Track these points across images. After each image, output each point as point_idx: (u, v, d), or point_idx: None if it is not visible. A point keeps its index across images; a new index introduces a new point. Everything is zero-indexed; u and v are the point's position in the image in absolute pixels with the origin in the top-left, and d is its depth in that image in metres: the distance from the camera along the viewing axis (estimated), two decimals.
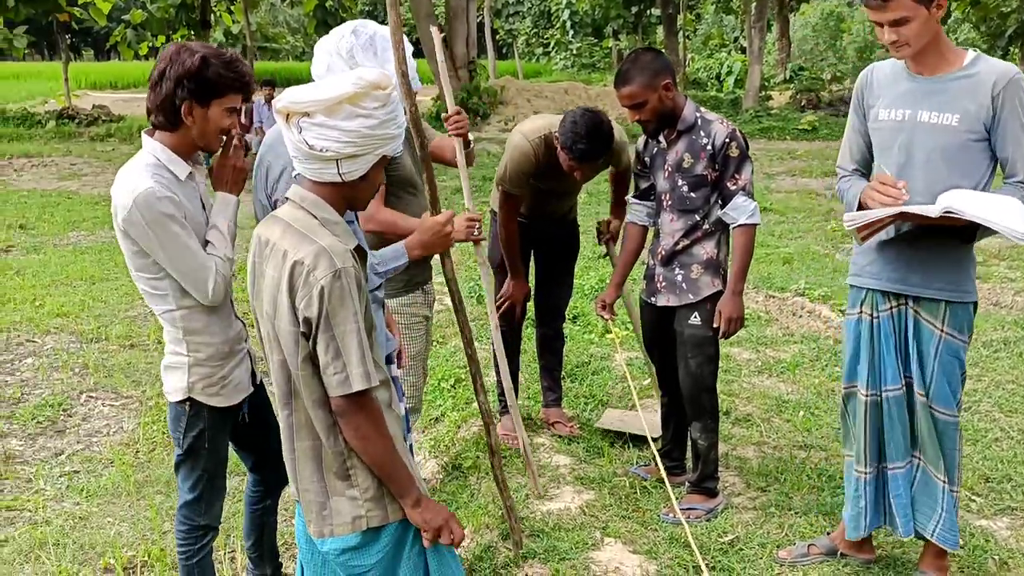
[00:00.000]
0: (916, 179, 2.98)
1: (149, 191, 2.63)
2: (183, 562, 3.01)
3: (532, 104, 22.15)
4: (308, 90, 2.11)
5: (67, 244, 9.62)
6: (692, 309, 3.76)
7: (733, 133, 3.63)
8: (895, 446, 3.21)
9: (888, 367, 3.16)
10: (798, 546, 3.54)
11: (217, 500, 3.03)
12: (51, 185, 13.71)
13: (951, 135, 2.93)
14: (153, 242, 2.66)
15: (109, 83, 39.69)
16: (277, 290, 2.13)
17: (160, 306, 2.80)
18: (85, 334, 6.52)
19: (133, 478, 4.35)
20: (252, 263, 2.28)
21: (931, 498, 3.19)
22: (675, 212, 3.76)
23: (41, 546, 3.76)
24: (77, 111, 22.00)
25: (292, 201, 2.23)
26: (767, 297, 7.12)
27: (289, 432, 2.27)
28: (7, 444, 4.80)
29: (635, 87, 3.59)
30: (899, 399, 3.16)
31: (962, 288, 3.05)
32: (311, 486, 2.26)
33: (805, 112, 20.64)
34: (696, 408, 3.85)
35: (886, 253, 3.14)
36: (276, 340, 2.18)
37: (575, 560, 3.50)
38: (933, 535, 3.19)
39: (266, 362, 2.29)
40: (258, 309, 2.25)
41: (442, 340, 6.33)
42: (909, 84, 3.03)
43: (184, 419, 2.86)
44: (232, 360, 2.90)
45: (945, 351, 3.07)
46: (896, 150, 3.04)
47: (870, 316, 3.20)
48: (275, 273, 2.14)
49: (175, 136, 2.73)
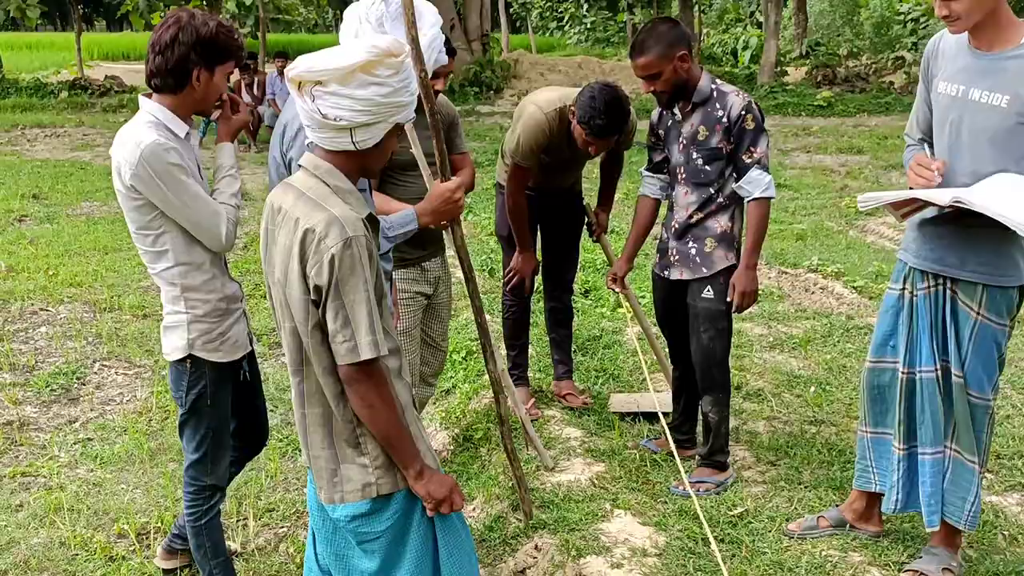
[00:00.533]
0: (963, 160, 2.91)
1: (155, 143, 2.70)
2: (191, 523, 3.06)
3: (545, 78, 22.03)
4: (321, 58, 2.10)
5: (80, 214, 9.65)
6: (705, 283, 3.75)
7: (749, 105, 3.59)
8: (926, 430, 3.16)
9: (923, 347, 3.11)
10: (807, 519, 3.54)
11: (222, 459, 3.07)
12: (64, 155, 13.74)
13: (1000, 117, 2.82)
14: (163, 193, 2.72)
15: (121, 54, 39.56)
16: (289, 257, 2.13)
17: (159, 264, 2.85)
18: (98, 304, 6.55)
19: (146, 446, 4.39)
20: (264, 229, 2.28)
21: (963, 488, 3.13)
22: (689, 185, 3.74)
23: (56, 511, 3.80)
24: (89, 82, 21.99)
25: (305, 169, 2.22)
26: (780, 273, 7.09)
27: (300, 399, 2.28)
28: (22, 411, 4.84)
29: (651, 57, 3.55)
30: (932, 382, 3.11)
31: (1002, 272, 2.95)
32: (322, 453, 2.27)
33: (821, 88, 20.45)
34: (708, 382, 3.84)
35: (926, 232, 3.07)
36: (287, 307, 2.19)
37: (584, 531, 3.52)
38: (966, 524, 3.14)
39: (278, 329, 2.30)
40: (270, 276, 2.26)
41: (453, 313, 6.33)
42: (968, 59, 2.92)
43: (186, 378, 2.91)
44: (230, 318, 2.96)
45: (981, 335, 3.00)
46: (948, 128, 2.97)
47: (910, 293, 3.15)
48: (287, 240, 2.14)
49: (176, 99, 2.80)
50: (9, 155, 13.47)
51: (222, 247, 2.87)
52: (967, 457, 3.12)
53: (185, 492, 3.07)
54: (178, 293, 2.88)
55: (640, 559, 3.35)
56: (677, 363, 4.13)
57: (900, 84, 20.17)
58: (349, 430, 2.24)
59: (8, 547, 3.57)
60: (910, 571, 3.20)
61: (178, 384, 2.95)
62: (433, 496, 2.26)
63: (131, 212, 2.80)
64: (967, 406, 3.07)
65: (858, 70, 22.23)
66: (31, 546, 3.58)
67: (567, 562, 3.34)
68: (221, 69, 2.81)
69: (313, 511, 2.44)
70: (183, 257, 2.84)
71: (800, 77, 22.41)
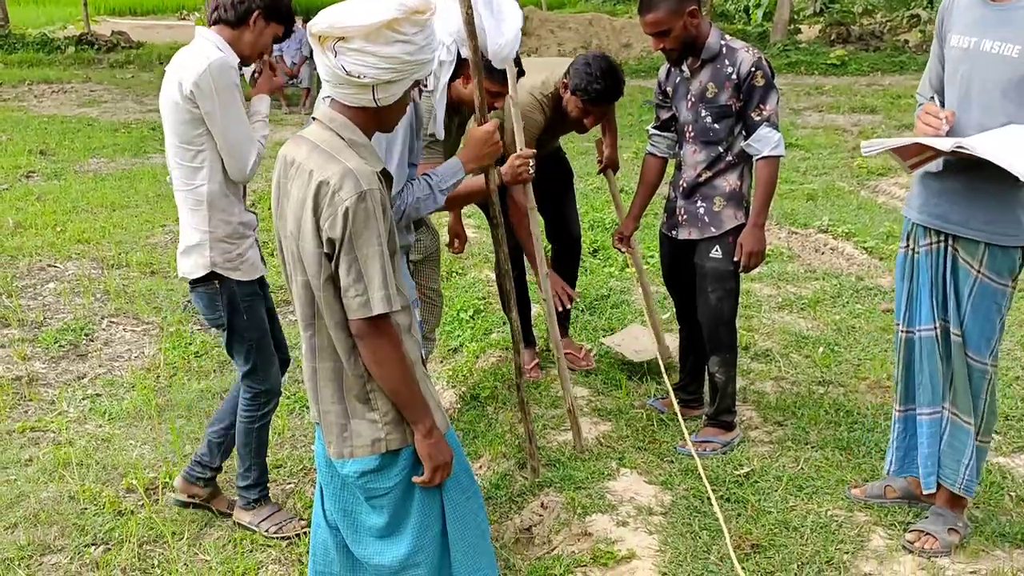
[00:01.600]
0: (971, 112, 2.87)
1: (224, 59, 2.99)
2: (245, 425, 3.34)
3: (556, 35, 21.77)
4: (346, 13, 2.05)
5: (87, 171, 9.62)
6: (713, 242, 3.71)
7: (759, 61, 3.52)
8: (924, 390, 3.16)
9: (923, 305, 3.10)
10: (871, 486, 3.47)
11: (271, 365, 3.32)
12: (71, 111, 13.68)
13: (1010, 67, 2.78)
14: (217, 108, 2.97)
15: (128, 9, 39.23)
16: (302, 210, 2.11)
17: (194, 180, 3.07)
18: (106, 260, 6.56)
19: (154, 402, 4.41)
20: (276, 183, 2.26)
21: (958, 450, 3.13)
22: (698, 144, 3.69)
23: (65, 466, 3.83)
24: (96, 37, 21.82)
25: (319, 121, 2.20)
26: (789, 233, 7.04)
27: (311, 354, 2.27)
28: (31, 367, 4.86)
29: (660, 14, 3.48)
30: (930, 340, 3.10)
31: (1005, 231, 2.92)
32: (332, 408, 2.27)
33: (835, 46, 20.16)
34: (715, 342, 3.82)
35: (930, 187, 3.04)
36: (299, 261, 2.17)
37: (591, 489, 3.53)
38: (961, 486, 3.14)
39: (288, 284, 2.29)
40: (281, 230, 2.24)
41: (461, 272, 6.32)
42: (980, 10, 2.88)
43: (218, 298, 3.16)
44: (246, 241, 3.18)
45: (980, 293, 2.98)
46: (959, 80, 2.92)
47: (912, 251, 3.13)
48: (300, 193, 2.12)
49: (232, 34, 3.07)
50: (16, 111, 13.41)
51: (244, 176, 3.10)
52: (964, 419, 3.11)
53: (242, 399, 3.33)
54: (204, 212, 3.09)
55: (646, 517, 3.36)
56: (683, 323, 4.11)
57: (915, 42, 19.88)
58: (359, 385, 2.23)
59: (18, 501, 3.60)
60: (915, 531, 3.21)
61: (212, 307, 3.18)
62: (433, 459, 2.25)
63: (180, 126, 3.03)
64: (965, 367, 3.06)
65: (872, 28, 21.89)
66: (41, 500, 3.61)
67: (573, 520, 3.36)
68: (273, 27, 3.12)
69: (321, 467, 2.44)
70: (217, 176, 3.07)
71: (814, 35, 22.11)
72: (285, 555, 3.32)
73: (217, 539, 3.41)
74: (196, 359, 4.93)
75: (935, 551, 3.13)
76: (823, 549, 3.17)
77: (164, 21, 33.11)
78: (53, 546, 3.35)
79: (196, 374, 4.76)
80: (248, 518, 3.46)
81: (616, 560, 3.13)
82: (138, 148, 10.79)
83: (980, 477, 3.22)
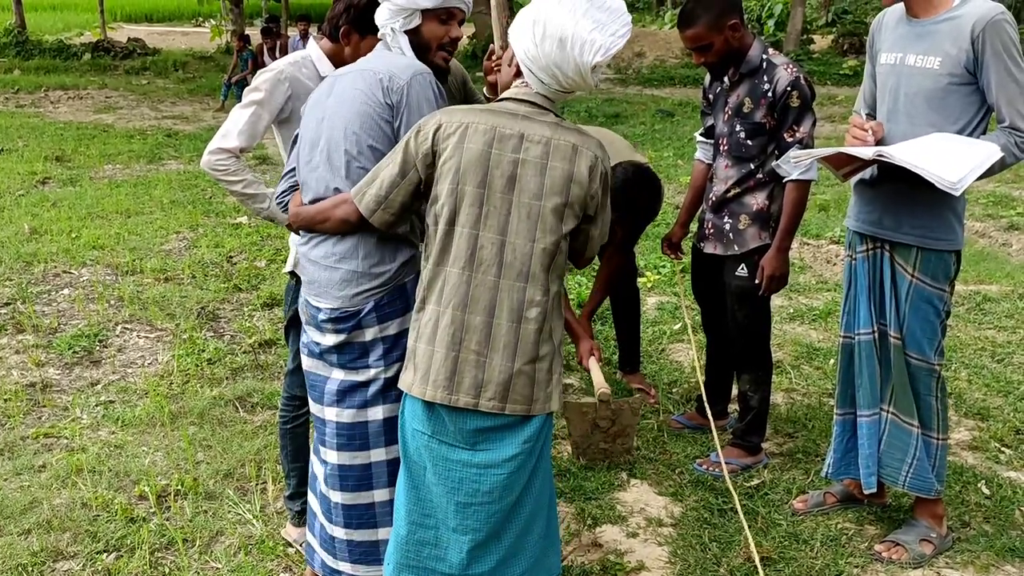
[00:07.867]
0: (900, 122, 2.98)
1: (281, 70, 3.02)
2: (280, 425, 3.37)
3: None
4: (616, 41, 2.30)
5: (103, 177, 9.69)
6: (739, 260, 3.64)
7: (796, 81, 3.41)
8: (863, 392, 3.23)
9: (861, 310, 3.18)
10: (812, 495, 3.54)
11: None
12: (87, 118, 13.78)
13: (932, 79, 2.89)
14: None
15: (144, 16, 39.55)
16: (569, 182, 2.29)
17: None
18: (120, 267, 6.60)
19: (167, 409, 4.43)
20: (482, 153, 2.28)
21: (900, 450, 3.18)
22: (730, 158, 3.61)
23: (78, 472, 3.85)
24: (112, 44, 22.01)
25: (528, 103, 2.34)
26: (801, 244, 7.04)
27: (515, 314, 2.32)
28: (44, 373, 4.89)
29: (700, 28, 3.40)
30: (869, 344, 3.17)
31: (936, 235, 2.99)
32: (543, 364, 2.37)
33: (847, 57, 20.17)
34: (745, 360, 3.78)
35: (864, 194, 3.15)
36: (539, 222, 2.28)
37: (601, 500, 3.53)
38: (904, 485, 3.19)
39: (486, 249, 2.30)
40: (498, 196, 2.28)
41: None
42: (905, 27, 3.00)
43: (291, 293, 3.22)
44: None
45: (916, 297, 3.05)
46: (887, 94, 3.04)
47: (851, 258, 3.23)
48: (566, 166, 2.29)
49: (333, 48, 3.06)
50: (32, 117, 13.53)
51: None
52: (905, 420, 3.16)
53: (281, 397, 3.36)
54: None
55: (656, 528, 3.36)
56: (709, 333, 4.10)
57: None
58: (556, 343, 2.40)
59: (31, 507, 3.63)
60: (886, 542, 3.24)
61: (287, 297, 3.28)
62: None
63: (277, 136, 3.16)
64: (904, 368, 3.11)
65: None
66: (53, 506, 3.63)
67: (583, 530, 3.36)
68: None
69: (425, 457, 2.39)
70: None
71: (826, 45, 22.11)
72: (296, 564, 3.33)
73: (228, 547, 3.42)
74: (209, 366, 4.95)
75: (903, 562, 3.15)
76: (833, 562, 3.17)
77: (180, 28, 33.23)
78: (65, 552, 3.37)
79: (209, 381, 4.78)
80: (295, 535, 3.38)
81: (626, 572, 3.14)
82: (153, 155, 10.86)
83: (942, 476, 3.20)
